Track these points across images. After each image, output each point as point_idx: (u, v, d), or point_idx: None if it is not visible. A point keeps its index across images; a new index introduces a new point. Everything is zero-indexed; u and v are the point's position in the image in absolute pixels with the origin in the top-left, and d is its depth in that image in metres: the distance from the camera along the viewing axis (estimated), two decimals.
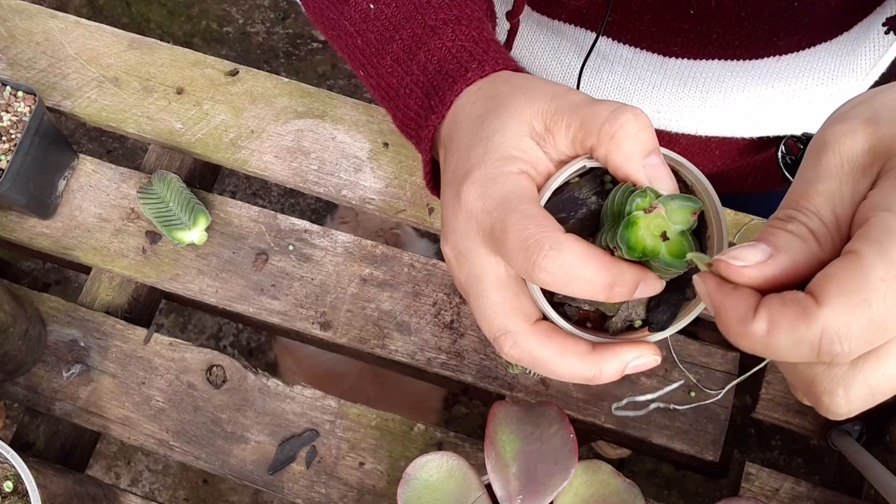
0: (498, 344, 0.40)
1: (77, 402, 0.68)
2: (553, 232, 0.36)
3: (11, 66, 0.77)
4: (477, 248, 0.39)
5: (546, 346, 0.39)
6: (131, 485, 1.52)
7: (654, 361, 0.39)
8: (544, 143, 0.40)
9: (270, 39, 1.82)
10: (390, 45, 0.47)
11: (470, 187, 0.39)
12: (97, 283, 0.72)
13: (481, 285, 0.40)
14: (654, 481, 1.46)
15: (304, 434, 0.67)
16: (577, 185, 0.40)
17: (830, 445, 0.65)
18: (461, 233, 0.40)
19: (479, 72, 0.44)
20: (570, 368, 0.39)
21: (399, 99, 0.47)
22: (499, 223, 0.37)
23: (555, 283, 0.36)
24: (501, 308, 0.39)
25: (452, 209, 0.40)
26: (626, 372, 0.39)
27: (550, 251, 0.35)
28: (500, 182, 0.38)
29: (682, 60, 0.63)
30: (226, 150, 0.75)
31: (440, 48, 0.45)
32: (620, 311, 0.40)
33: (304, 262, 0.71)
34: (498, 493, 0.53)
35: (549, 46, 0.67)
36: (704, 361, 0.68)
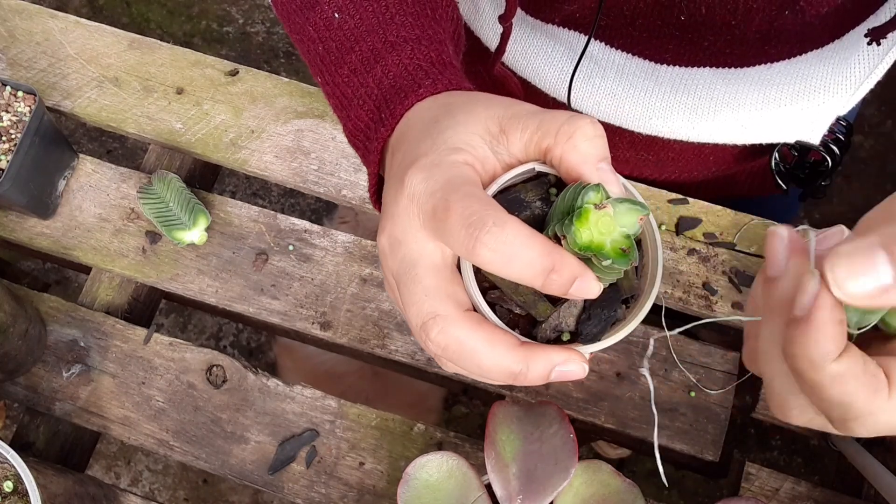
0: (425, 330, 0.38)
1: (77, 402, 0.68)
2: (497, 211, 0.36)
3: (11, 66, 0.77)
4: (415, 233, 0.39)
5: (475, 333, 0.38)
6: (131, 485, 1.52)
7: (582, 370, 0.38)
8: (496, 143, 0.40)
9: (270, 39, 1.82)
10: (349, 56, 0.47)
11: (414, 172, 0.39)
12: (97, 283, 0.72)
13: (415, 270, 0.39)
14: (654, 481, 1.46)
15: (304, 434, 0.67)
16: (523, 189, 0.41)
17: (830, 445, 0.65)
18: (399, 218, 0.39)
19: (432, 89, 0.44)
20: (497, 361, 0.37)
21: (351, 109, 0.47)
22: (442, 202, 0.37)
23: (495, 261, 0.35)
24: (433, 292, 0.38)
25: (394, 196, 0.40)
26: (551, 378, 0.38)
27: (494, 227, 0.35)
28: (446, 168, 0.38)
29: (673, 68, 0.63)
30: (226, 150, 0.75)
31: (397, 64, 0.45)
32: (551, 318, 0.39)
33: (304, 262, 0.71)
34: (498, 493, 0.53)
35: (542, 51, 0.67)
36: (704, 361, 0.68)
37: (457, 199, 0.36)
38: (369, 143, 0.46)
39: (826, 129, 0.65)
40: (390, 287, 0.42)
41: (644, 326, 0.68)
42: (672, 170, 0.74)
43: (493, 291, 0.40)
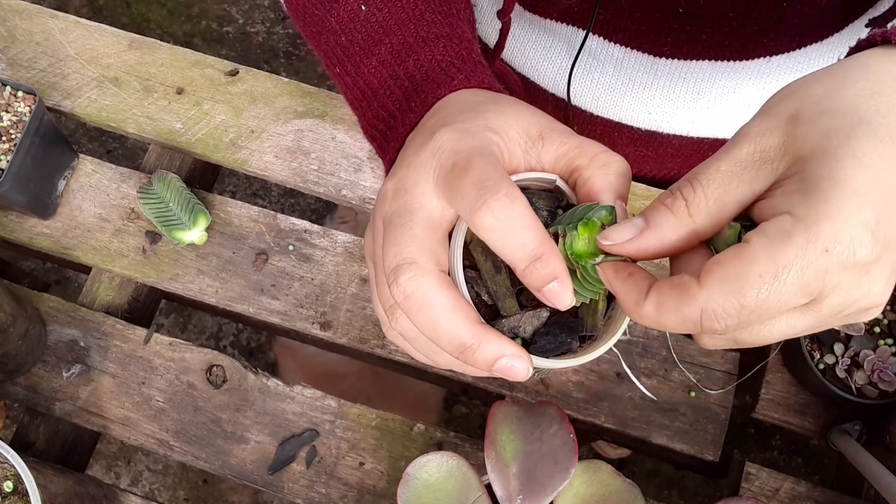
0: (397, 273, 0.38)
1: (77, 402, 0.68)
2: (512, 185, 0.36)
3: (11, 66, 0.77)
4: (424, 185, 0.39)
5: (442, 293, 0.38)
6: (131, 485, 1.52)
7: (526, 373, 0.38)
8: (531, 146, 0.41)
9: (270, 39, 1.82)
10: (378, 48, 0.47)
11: (447, 130, 0.40)
12: (97, 283, 0.72)
13: (411, 217, 0.39)
14: (654, 481, 1.46)
15: (304, 434, 0.67)
16: (536, 194, 0.41)
17: (830, 445, 0.65)
18: (415, 168, 0.40)
19: (465, 83, 0.45)
20: (452, 327, 0.37)
21: (376, 99, 0.47)
22: (464, 160, 0.37)
23: (495, 229, 0.36)
24: (419, 241, 0.38)
25: (417, 148, 0.40)
26: (494, 368, 0.38)
27: (505, 197, 0.36)
28: (478, 137, 0.39)
29: (672, 61, 0.63)
30: (226, 150, 0.75)
31: (430, 60, 0.46)
32: (513, 318, 0.40)
33: (304, 262, 0.71)
34: (498, 493, 0.53)
35: (540, 46, 0.67)
36: (704, 361, 0.68)
37: (479, 163, 0.37)
38: (391, 130, 0.47)
39: None
40: (373, 235, 0.42)
41: (644, 327, 0.68)
42: (671, 166, 0.74)
43: (470, 270, 0.40)
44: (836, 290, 0.32)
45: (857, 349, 0.63)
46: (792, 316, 0.33)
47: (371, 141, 0.50)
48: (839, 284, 0.32)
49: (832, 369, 0.63)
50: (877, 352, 0.63)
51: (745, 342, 0.35)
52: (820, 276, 0.31)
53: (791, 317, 0.33)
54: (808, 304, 0.33)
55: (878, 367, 0.62)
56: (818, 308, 0.33)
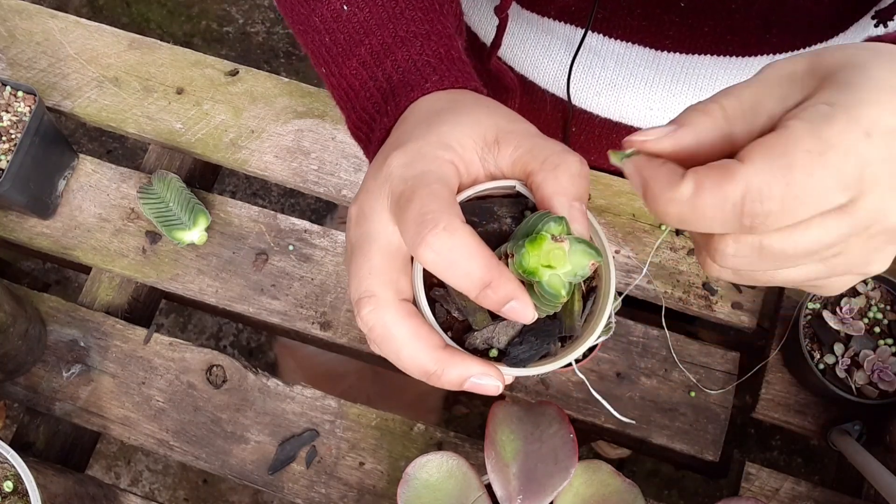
0: (359, 306, 0.39)
1: (77, 402, 0.68)
2: (452, 216, 0.36)
3: (11, 66, 0.77)
4: (381, 212, 0.39)
5: (402, 323, 0.38)
6: (131, 485, 1.52)
7: (496, 388, 0.38)
8: (487, 151, 0.41)
9: (270, 39, 1.82)
10: (358, 49, 0.47)
11: (398, 154, 0.39)
12: (97, 283, 0.72)
13: (369, 246, 0.39)
14: (654, 481, 1.46)
15: (304, 434, 0.67)
16: (498, 202, 0.41)
17: (830, 445, 0.65)
18: (372, 193, 0.40)
19: (439, 84, 0.45)
20: (415, 356, 0.38)
21: (358, 101, 0.48)
22: (408, 191, 0.37)
23: (437, 263, 0.36)
24: (378, 272, 0.39)
25: (375, 171, 0.40)
26: (465, 387, 0.38)
27: (443, 231, 0.35)
28: (428, 160, 0.39)
29: (674, 55, 0.63)
30: (226, 150, 0.75)
31: (406, 60, 0.46)
32: (486, 330, 0.40)
33: (304, 262, 0.71)
34: (498, 493, 0.53)
35: (539, 44, 0.67)
36: (704, 361, 0.68)
37: (421, 195, 0.37)
38: (372, 133, 0.47)
39: None
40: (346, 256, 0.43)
41: (644, 327, 0.68)
42: None
43: (438, 289, 0.40)
44: (875, 188, 0.31)
45: (857, 349, 0.63)
46: (827, 219, 0.32)
47: (356, 141, 0.50)
48: (878, 180, 0.31)
49: (832, 369, 0.63)
50: (877, 352, 0.63)
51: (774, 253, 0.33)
52: (861, 164, 0.31)
53: (826, 219, 0.32)
54: (845, 207, 0.32)
55: (878, 367, 0.62)
56: (853, 211, 0.32)
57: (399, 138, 0.41)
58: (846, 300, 0.64)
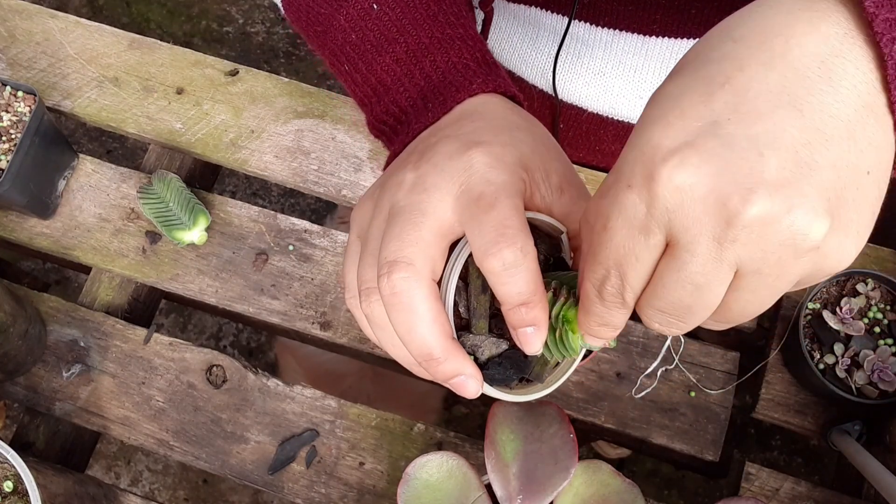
0: (392, 267, 0.39)
1: (77, 402, 0.68)
2: (529, 240, 0.38)
3: (11, 66, 0.77)
4: (446, 193, 0.39)
5: (428, 302, 0.39)
6: (131, 485, 1.52)
7: (474, 393, 0.40)
8: (547, 191, 0.42)
9: (270, 39, 1.82)
10: (393, 46, 0.48)
11: (484, 152, 0.40)
12: (97, 283, 0.72)
13: (423, 217, 0.39)
14: (654, 481, 1.46)
15: (304, 434, 0.67)
16: (542, 237, 0.42)
17: (830, 445, 0.65)
18: (443, 172, 0.40)
19: (484, 87, 0.46)
20: (426, 336, 0.39)
21: (388, 95, 0.48)
22: (491, 195, 0.38)
23: (499, 274, 0.37)
24: (423, 245, 0.39)
25: (451, 153, 0.41)
26: (450, 381, 0.40)
27: (519, 252, 0.37)
28: (510, 172, 0.40)
29: (662, 40, 0.62)
30: (226, 150, 0.75)
31: (446, 62, 0.47)
32: (477, 338, 0.41)
33: (304, 262, 0.71)
34: (498, 493, 0.53)
35: (526, 37, 0.67)
36: (704, 361, 0.68)
37: (504, 204, 0.38)
38: (402, 126, 0.47)
39: None
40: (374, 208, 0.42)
41: (644, 327, 0.68)
42: None
43: (459, 281, 0.41)
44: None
45: (857, 349, 0.63)
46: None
47: (378, 136, 0.50)
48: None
49: (832, 369, 0.63)
50: (877, 352, 0.63)
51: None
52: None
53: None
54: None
55: (878, 367, 0.62)
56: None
57: (478, 133, 0.42)
58: (846, 300, 0.64)
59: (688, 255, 0.31)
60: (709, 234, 0.30)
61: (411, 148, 0.44)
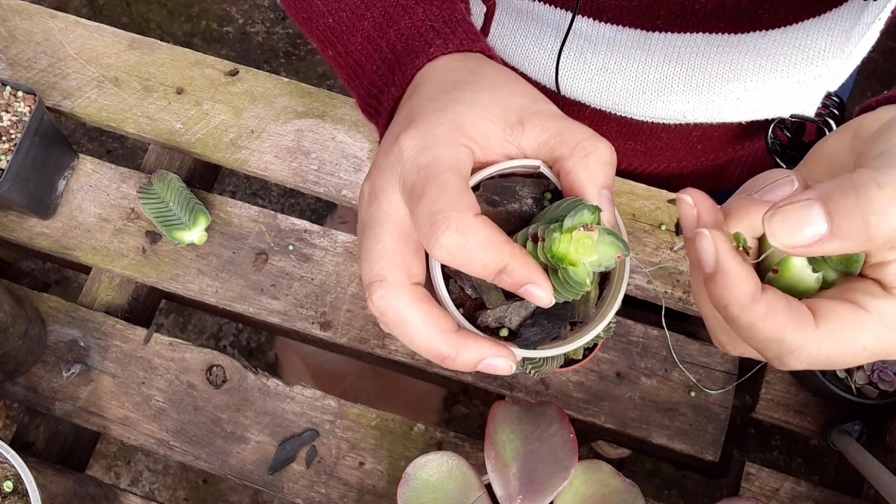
0: (370, 290, 0.38)
1: (77, 402, 0.68)
2: (463, 213, 0.36)
3: (11, 66, 0.77)
4: (392, 192, 0.39)
5: (415, 308, 0.38)
6: (131, 485, 1.52)
7: (509, 368, 0.39)
8: (510, 133, 0.40)
9: (270, 39, 1.82)
10: (361, 23, 0.47)
11: (411, 132, 0.39)
12: (97, 283, 0.72)
13: (381, 228, 0.39)
14: (654, 481, 1.46)
15: (304, 434, 0.67)
16: (521, 182, 0.41)
17: (830, 445, 0.65)
18: (384, 171, 0.39)
19: (443, 48, 0.44)
20: (428, 340, 0.38)
21: (365, 75, 0.47)
22: (420, 184, 0.37)
23: (452, 261, 0.36)
24: (389, 256, 0.38)
25: (387, 148, 0.40)
26: (478, 368, 0.38)
27: (455, 232, 0.35)
28: (441, 143, 0.38)
29: (666, 35, 0.62)
30: (226, 150, 0.75)
31: (409, 27, 0.45)
32: (498, 310, 0.40)
33: (304, 262, 0.71)
34: (498, 493, 0.53)
35: (529, 33, 0.66)
36: (704, 361, 0.68)
37: (431, 190, 0.37)
38: (380, 105, 0.46)
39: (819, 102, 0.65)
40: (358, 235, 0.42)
41: (644, 327, 0.68)
42: (661, 160, 0.74)
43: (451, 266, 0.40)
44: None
45: None
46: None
47: (367, 118, 0.49)
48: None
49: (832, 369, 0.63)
50: None
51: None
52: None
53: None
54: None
55: (878, 367, 0.62)
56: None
57: (412, 112, 0.40)
58: None
59: None
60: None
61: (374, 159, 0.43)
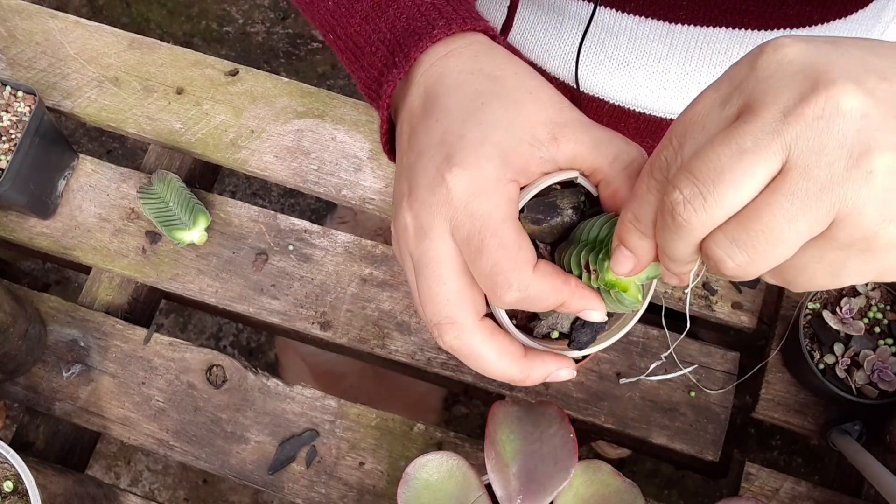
0: (439, 330, 0.40)
1: (77, 402, 0.68)
2: (522, 270, 0.38)
3: (11, 66, 0.77)
4: (443, 232, 0.39)
5: (487, 344, 0.40)
6: (131, 485, 1.52)
7: (571, 375, 0.42)
8: (543, 150, 0.40)
9: (270, 39, 1.82)
10: (360, 4, 0.46)
11: (458, 174, 0.39)
12: (97, 283, 0.72)
13: (440, 269, 0.39)
14: (654, 481, 1.46)
15: (304, 434, 0.67)
16: (559, 194, 0.41)
17: (830, 445, 0.65)
18: (432, 208, 0.39)
19: (447, 30, 0.43)
20: (503, 369, 0.41)
21: (364, 58, 0.46)
22: (476, 238, 0.38)
23: (518, 307, 0.39)
24: (456, 297, 0.40)
25: (430, 182, 0.40)
26: (545, 380, 0.42)
27: (517, 292, 0.38)
28: (492, 190, 0.39)
29: (689, 27, 0.61)
30: (226, 150, 0.75)
31: (409, 6, 0.45)
32: (550, 318, 0.43)
33: (304, 262, 0.71)
34: (498, 493, 0.53)
35: (550, 26, 0.65)
36: (704, 361, 0.68)
37: (491, 246, 0.38)
38: (381, 88, 0.45)
39: None
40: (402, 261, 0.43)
41: (644, 327, 0.68)
42: None
43: None
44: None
45: (857, 349, 0.63)
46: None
47: (368, 101, 0.48)
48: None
49: (832, 369, 0.63)
50: (877, 352, 0.63)
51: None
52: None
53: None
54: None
55: (878, 367, 0.62)
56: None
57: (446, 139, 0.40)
58: (846, 300, 0.64)
59: (746, 119, 0.30)
60: (779, 105, 0.29)
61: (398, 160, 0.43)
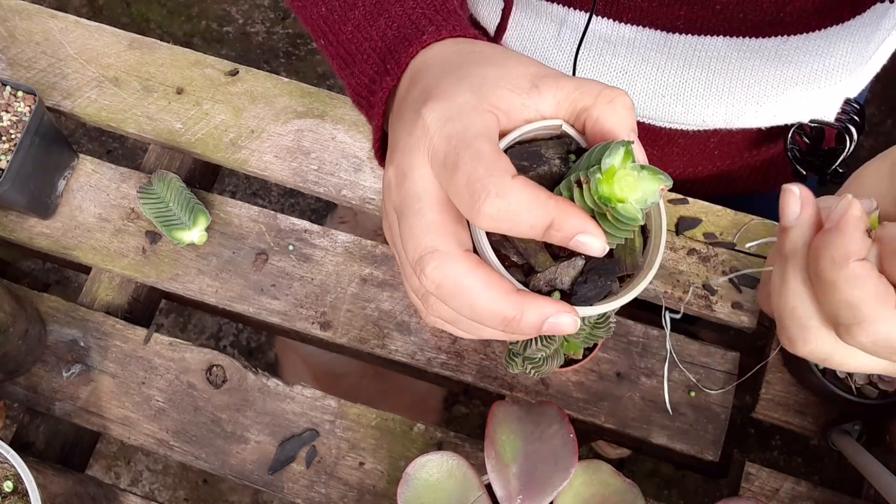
0: (421, 264, 0.38)
1: (77, 402, 0.68)
2: (500, 177, 0.35)
3: (11, 66, 0.77)
4: (422, 167, 0.38)
5: (473, 273, 0.37)
6: (131, 485, 1.52)
7: (574, 324, 0.38)
8: (525, 98, 0.40)
9: (270, 39, 1.82)
10: (352, 12, 0.47)
11: (434, 105, 0.38)
12: (97, 283, 0.72)
13: (419, 203, 0.38)
14: (654, 481, 1.46)
15: (304, 434, 0.67)
16: (544, 144, 0.40)
17: (830, 445, 0.65)
18: (410, 150, 0.39)
19: (436, 35, 0.43)
20: (492, 303, 0.37)
21: (356, 65, 0.46)
22: (452, 154, 0.37)
23: (498, 228, 0.36)
24: (435, 227, 0.38)
25: (409, 128, 0.39)
26: (543, 329, 0.38)
27: (496, 198, 0.35)
28: (467, 113, 0.38)
29: (686, 37, 0.61)
30: (226, 150, 0.75)
31: (400, 14, 0.45)
32: (548, 272, 0.39)
33: (304, 262, 0.71)
34: (498, 493, 0.53)
35: (548, 34, 0.66)
36: (704, 361, 0.68)
37: (466, 160, 0.36)
38: (373, 95, 0.45)
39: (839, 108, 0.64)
40: (389, 224, 0.42)
41: (644, 327, 0.68)
42: (676, 165, 0.74)
43: (495, 234, 0.40)
44: None
45: None
46: None
47: (358, 108, 0.49)
48: None
49: (832, 369, 0.63)
50: None
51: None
52: None
53: None
54: None
55: None
56: None
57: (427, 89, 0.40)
58: None
59: None
60: None
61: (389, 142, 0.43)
